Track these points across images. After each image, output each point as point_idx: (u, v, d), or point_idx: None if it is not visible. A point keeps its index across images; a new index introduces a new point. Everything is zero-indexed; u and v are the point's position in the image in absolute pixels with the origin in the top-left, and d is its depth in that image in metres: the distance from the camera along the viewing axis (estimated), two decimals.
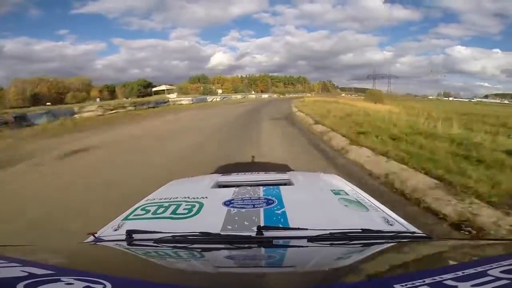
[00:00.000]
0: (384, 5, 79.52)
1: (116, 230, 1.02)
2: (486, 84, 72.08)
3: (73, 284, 0.49)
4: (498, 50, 69.35)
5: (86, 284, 0.48)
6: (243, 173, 2.03)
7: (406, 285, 0.45)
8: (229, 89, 69.27)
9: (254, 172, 2.03)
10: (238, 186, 1.44)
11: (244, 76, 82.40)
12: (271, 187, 1.37)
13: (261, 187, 1.35)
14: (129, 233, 0.91)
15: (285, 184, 1.52)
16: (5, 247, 0.88)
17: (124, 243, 0.89)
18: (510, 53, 66.28)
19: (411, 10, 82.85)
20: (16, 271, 0.54)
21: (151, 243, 0.86)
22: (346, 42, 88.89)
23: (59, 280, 0.50)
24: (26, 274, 0.53)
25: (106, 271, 0.65)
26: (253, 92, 57.03)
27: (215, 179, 1.66)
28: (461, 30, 74.96)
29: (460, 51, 71.64)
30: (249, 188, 1.35)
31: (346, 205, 1.13)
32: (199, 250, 0.83)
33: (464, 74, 76.93)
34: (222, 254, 0.82)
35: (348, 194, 1.26)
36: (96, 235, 0.99)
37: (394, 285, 0.45)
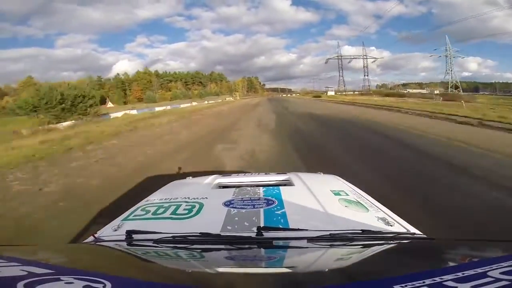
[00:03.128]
0: (291, 8, 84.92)
1: (116, 230, 1.02)
2: (368, 77, 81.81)
3: (73, 283, 0.49)
4: (374, 48, 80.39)
5: (86, 283, 0.48)
6: (243, 173, 2.04)
7: (406, 286, 0.45)
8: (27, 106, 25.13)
9: (254, 173, 2.03)
10: (238, 186, 1.44)
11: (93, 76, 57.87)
12: (271, 187, 1.37)
13: (261, 188, 1.35)
14: (129, 233, 0.90)
15: (285, 185, 1.52)
16: (5, 246, 0.89)
17: (124, 244, 0.89)
18: (382, 50, 79.16)
19: (312, 12, 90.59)
20: (16, 271, 0.54)
21: (150, 244, 0.86)
22: (259, 45, 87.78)
23: (59, 280, 0.50)
24: (26, 273, 0.53)
25: (106, 271, 0.65)
26: (110, 103, 37.29)
27: (215, 179, 1.66)
28: (348, 31, 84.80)
29: (348, 50, 78.86)
30: (249, 188, 1.35)
31: (346, 206, 1.13)
32: (199, 250, 0.83)
33: (351, 70, 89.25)
34: (221, 255, 0.82)
35: (348, 195, 1.26)
36: (96, 235, 0.99)
37: (394, 286, 0.45)
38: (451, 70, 53.16)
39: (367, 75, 65.78)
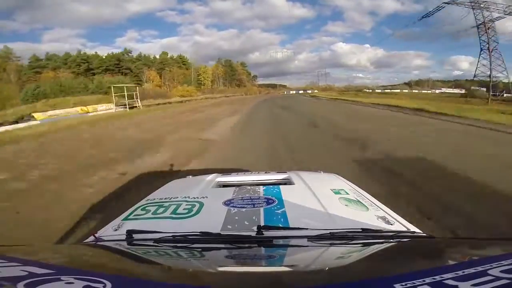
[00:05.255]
0: (287, 3, 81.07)
1: (116, 230, 1.02)
2: (360, 75, 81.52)
3: (73, 283, 0.49)
4: (368, 45, 78.43)
5: (86, 283, 0.48)
6: (243, 172, 2.04)
7: (406, 284, 0.45)
8: None
9: (254, 172, 2.03)
10: (238, 185, 1.44)
11: None
12: (271, 186, 1.37)
13: (261, 187, 1.35)
14: (129, 233, 0.91)
15: (285, 184, 1.52)
16: (5, 247, 0.89)
17: (124, 243, 0.89)
18: (376, 48, 77.29)
19: (308, 8, 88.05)
20: (16, 271, 0.54)
21: (151, 243, 0.86)
22: (253, 41, 79.78)
23: (59, 280, 0.50)
24: (26, 273, 0.53)
25: (106, 270, 0.65)
26: None
27: (215, 179, 1.66)
28: (343, 28, 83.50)
29: (342, 47, 77.35)
30: (249, 187, 1.35)
31: (346, 205, 1.13)
32: (199, 250, 0.83)
33: (344, 67, 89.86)
34: (222, 254, 0.82)
35: (348, 194, 1.26)
36: (96, 235, 0.99)
37: (394, 285, 0.45)
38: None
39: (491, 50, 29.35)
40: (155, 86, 43.25)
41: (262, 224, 0.94)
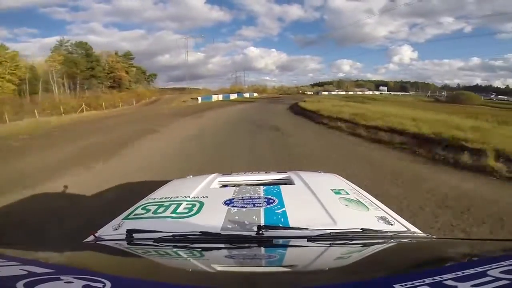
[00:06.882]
0: (204, 5, 78.83)
1: (116, 229, 1.02)
2: (268, 78, 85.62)
3: (72, 282, 0.49)
4: (274, 49, 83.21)
5: (86, 282, 0.48)
6: (243, 172, 2.04)
7: (406, 285, 0.45)
8: None
9: (254, 172, 2.03)
10: (238, 185, 1.44)
11: None
12: (271, 186, 1.37)
13: (261, 187, 1.35)
14: (129, 232, 0.90)
15: (285, 184, 1.52)
16: (5, 246, 0.89)
17: (124, 243, 0.89)
18: (281, 52, 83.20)
19: (225, 12, 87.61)
20: (16, 270, 0.54)
21: (151, 243, 0.86)
22: (163, 42, 71.53)
23: (58, 279, 0.50)
24: (26, 273, 0.53)
25: (106, 270, 0.65)
26: None
27: (215, 178, 1.66)
28: (255, 33, 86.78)
29: (253, 51, 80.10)
30: (249, 187, 1.35)
31: (346, 205, 1.13)
32: (199, 249, 0.83)
33: (254, 71, 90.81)
34: (222, 254, 0.82)
35: (348, 194, 1.26)
36: (96, 234, 0.99)
37: (394, 285, 0.45)
38: None
39: None
40: None
41: (262, 224, 0.94)
